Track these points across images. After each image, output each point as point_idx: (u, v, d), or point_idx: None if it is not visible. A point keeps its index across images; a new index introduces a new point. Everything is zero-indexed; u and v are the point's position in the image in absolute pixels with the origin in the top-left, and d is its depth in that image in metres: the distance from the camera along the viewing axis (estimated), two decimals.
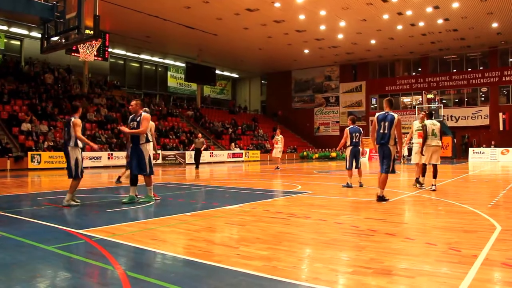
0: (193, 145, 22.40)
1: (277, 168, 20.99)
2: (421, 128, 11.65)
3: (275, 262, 4.25)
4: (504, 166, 23.62)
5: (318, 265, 4.21)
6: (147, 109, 9.13)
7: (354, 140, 11.89)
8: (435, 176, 10.94)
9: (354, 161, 11.91)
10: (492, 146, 32.05)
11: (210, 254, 4.61)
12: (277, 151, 21.25)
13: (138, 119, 8.61)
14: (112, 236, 5.47)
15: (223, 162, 31.60)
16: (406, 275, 3.85)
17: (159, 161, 27.46)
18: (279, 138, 21.15)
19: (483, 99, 37.44)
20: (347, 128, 12.13)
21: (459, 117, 37.33)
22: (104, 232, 5.72)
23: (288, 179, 15.31)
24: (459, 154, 34.66)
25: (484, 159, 30.71)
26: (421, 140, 11.36)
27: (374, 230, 5.80)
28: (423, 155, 11.07)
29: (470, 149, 32.73)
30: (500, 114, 34.47)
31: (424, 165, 11.45)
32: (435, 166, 10.98)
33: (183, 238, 5.44)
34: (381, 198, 8.73)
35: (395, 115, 8.85)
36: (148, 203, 8.43)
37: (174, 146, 30.39)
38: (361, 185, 11.68)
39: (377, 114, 8.99)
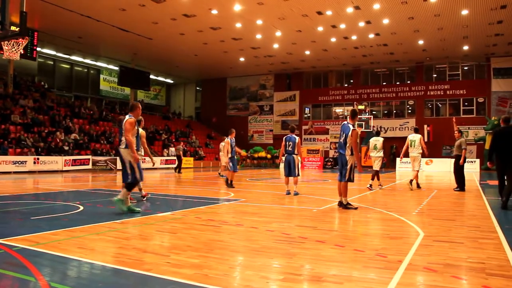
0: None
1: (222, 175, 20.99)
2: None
3: (206, 270, 4.22)
4: (428, 176, 24.81)
5: (249, 272, 4.22)
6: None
7: (287, 148, 12.12)
8: (372, 178, 14.28)
9: (288, 169, 12.12)
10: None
11: (140, 262, 4.50)
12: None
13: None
14: (36, 245, 5.20)
15: (155, 169, 31.04)
16: (335, 281, 3.93)
17: (89, 166, 26.58)
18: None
19: (410, 111, 39.26)
20: (284, 137, 12.39)
21: (387, 128, 38.89)
22: (26, 241, 5.43)
23: (221, 186, 15.28)
24: (388, 164, 36.05)
25: (410, 169, 32.09)
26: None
27: (305, 238, 5.90)
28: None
29: (398, 159, 34.12)
30: (425, 126, 36.27)
31: (375, 171, 14.44)
32: (376, 171, 14.36)
33: (112, 247, 5.28)
34: (342, 204, 9.04)
35: (351, 126, 9.03)
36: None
37: (105, 151, 29.52)
38: (295, 194, 11.85)
39: (342, 124, 9.34)
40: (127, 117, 8.03)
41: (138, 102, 8.46)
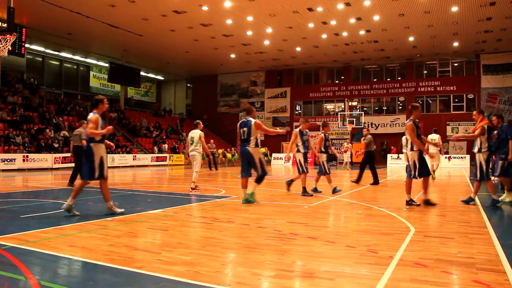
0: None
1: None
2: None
3: (198, 267, 4.21)
4: None
5: (241, 269, 4.22)
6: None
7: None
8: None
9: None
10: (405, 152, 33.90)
11: (131, 260, 4.47)
12: None
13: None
14: (25, 243, 5.16)
15: (146, 166, 30.96)
16: (327, 277, 3.94)
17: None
18: None
19: (400, 107, 39.44)
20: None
21: (378, 124, 39.03)
22: (15, 239, 5.38)
23: (212, 183, 15.27)
24: (379, 160, 36.14)
25: (401, 165, 32.24)
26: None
27: (297, 234, 5.90)
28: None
29: (389, 155, 34.30)
30: None
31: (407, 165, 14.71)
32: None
33: (103, 244, 5.25)
34: (407, 203, 8.93)
35: (407, 121, 8.96)
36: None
37: None
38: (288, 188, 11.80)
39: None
40: (252, 120, 9.19)
41: (253, 106, 9.38)
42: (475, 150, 9.26)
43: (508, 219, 8.11)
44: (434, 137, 16.23)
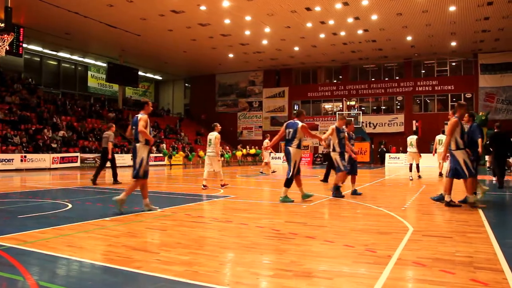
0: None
1: (274, 171, 21.58)
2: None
3: (196, 267, 4.21)
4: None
5: (240, 269, 4.22)
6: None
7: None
8: (418, 170, 17.00)
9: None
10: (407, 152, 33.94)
11: (129, 260, 4.47)
12: (268, 155, 21.50)
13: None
14: (23, 244, 5.14)
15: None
16: (325, 276, 3.94)
17: (77, 164, 26.36)
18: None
19: (398, 107, 39.50)
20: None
21: (376, 124, 39.07)
22: (13, 240, 5.37)
23: (211, 183, 15.25)
24: (377, 160, 36.19)
25: (399, 164, 32.28)
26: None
27: (295, 234, 5.90)
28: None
29: (387, 155, 34.31)
30: (414, 121, 36.50)
31: (410, 164, 16.97)
32: (416, 164, 16.86)
33: (102, 244, 5.24)
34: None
35: (452, 119, 8.83)
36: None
37: (94, 148, 29.30)
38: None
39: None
40: (299, 123, 9.59)
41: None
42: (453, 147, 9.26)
43: (506, 218, 8.12)
44: (442, 137, 16.48)
